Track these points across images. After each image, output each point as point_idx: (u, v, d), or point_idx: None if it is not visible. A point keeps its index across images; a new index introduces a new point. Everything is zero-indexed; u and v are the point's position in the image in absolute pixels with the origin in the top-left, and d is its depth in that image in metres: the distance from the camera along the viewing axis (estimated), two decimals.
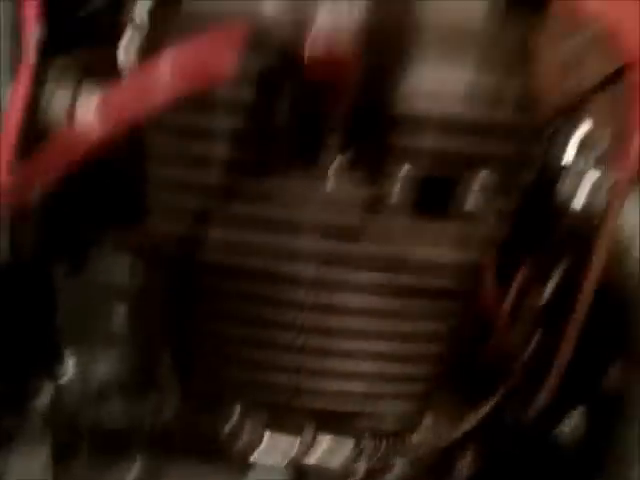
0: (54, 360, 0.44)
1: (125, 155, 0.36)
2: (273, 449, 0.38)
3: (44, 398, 0.44)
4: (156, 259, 0.40)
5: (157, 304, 0.41)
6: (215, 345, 0.39)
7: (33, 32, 0.37)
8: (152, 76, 0.32)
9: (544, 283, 0.41)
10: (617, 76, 0.35)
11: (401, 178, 0.35)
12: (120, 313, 0.42)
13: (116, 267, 0.42)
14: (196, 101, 0.33)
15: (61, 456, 0.40)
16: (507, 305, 0.42)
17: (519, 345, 0.42)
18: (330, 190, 0.35)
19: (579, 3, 0.33)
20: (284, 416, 0.39)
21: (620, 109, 0.35)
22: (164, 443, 0.39)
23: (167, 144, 0.35)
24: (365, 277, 0.37)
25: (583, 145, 0.38)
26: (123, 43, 0.39)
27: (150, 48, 0.37)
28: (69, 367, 0.44)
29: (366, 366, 0.39)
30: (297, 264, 0.36)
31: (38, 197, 0.35)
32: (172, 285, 0.40)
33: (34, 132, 0.35)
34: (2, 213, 0.35)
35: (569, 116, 0.38)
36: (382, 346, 0.38)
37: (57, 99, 0.36)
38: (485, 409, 0.40)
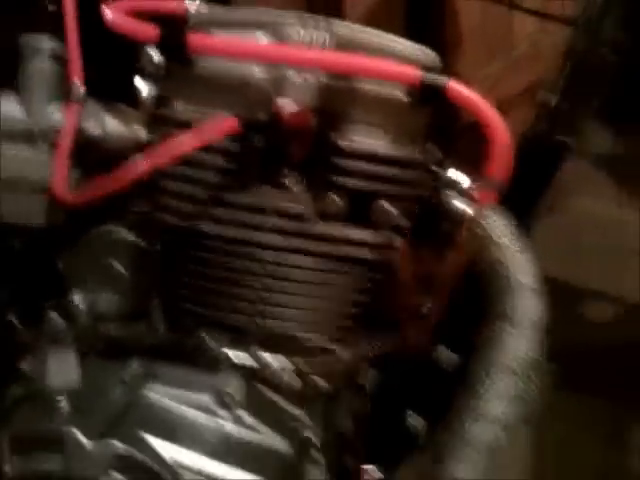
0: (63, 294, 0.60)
1: None
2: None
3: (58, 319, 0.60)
4: (151, 228, 0.57)
5: (149, 256, 0.58)
6: (191, 285, 0.55)
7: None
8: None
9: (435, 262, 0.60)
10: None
11: (337, 195, 0.53)
12: (118, 264, 0.59)
13: (116, 233, 0.59)
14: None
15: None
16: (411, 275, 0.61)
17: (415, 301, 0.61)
18: (289, 201, 0.53)
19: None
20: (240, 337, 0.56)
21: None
22: (154, 354, 0.55)
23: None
24: (307, 244, 0.53)
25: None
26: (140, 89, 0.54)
27: (164, 98, 0.53)
28: (76, 300, 0.58)
29: (303, 301, 0.55)
30: (262, 236, 0.52)
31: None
32: (162, 242, 0.56)
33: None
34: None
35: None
36: (316, 290, 0.55)
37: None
38: (388, 342, 0.60)
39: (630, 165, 1.88)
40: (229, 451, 0.52)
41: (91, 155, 0.53)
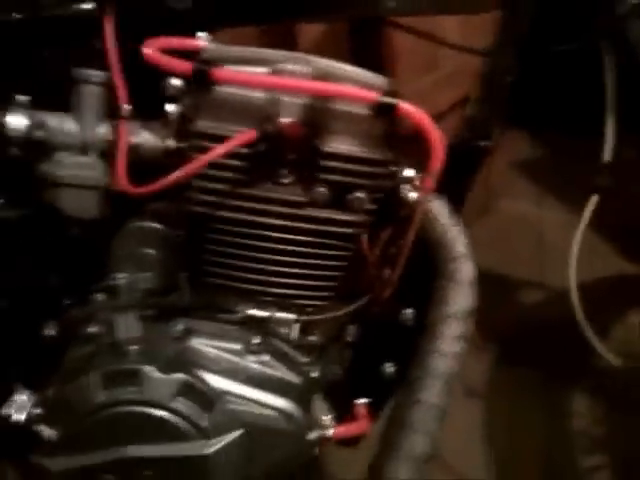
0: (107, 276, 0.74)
1: None
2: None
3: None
4: (175, 219, 0.73)
5: (174, 242, 0.72)
6: (213, 261, 0.70)
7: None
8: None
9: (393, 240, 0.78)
10: None
11: (322, 187, 0.70)
12: (151, 249, 0.73)
13: (147, 225, 0.74)
14: None
15: None
16: (374, 251, 0.78)
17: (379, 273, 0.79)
18: (287, 192, 0.70)
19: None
20: (252, 302, 0.72)
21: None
22: (192, 315, 0.71)
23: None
24: (302, 225, 0.69)
25: None
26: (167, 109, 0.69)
27: (188, 116, 0.68)
28: (119, 281, 0.71)
29: (300, 270, 0.70)
30: (267, 220, 0.69)
31: None
32: (188, 229, 0.71)
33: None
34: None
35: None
36: (309, 261, 0.71)
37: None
38: (358, 303, 0.77)
39: (546, 169, 2.12)
40: (260, 382, 0.68)
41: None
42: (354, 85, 0.67)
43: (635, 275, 1.66)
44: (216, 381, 0.67)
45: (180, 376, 0.65)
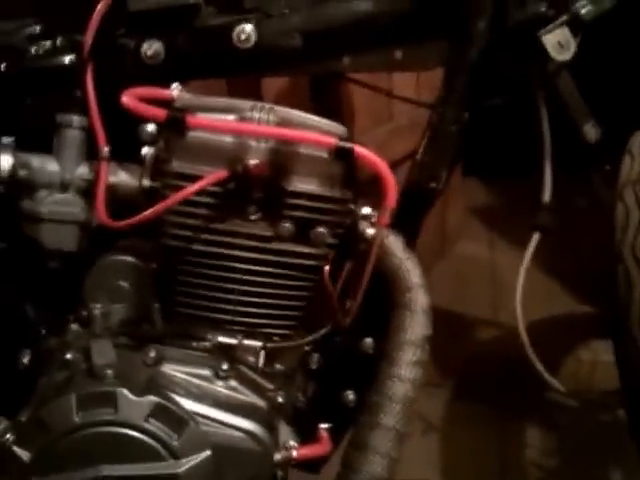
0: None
1: None
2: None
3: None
4: (152, 252, 0.78)
5: (147, 274, 0.77)
6: (185, 291, 0.76)
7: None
8: None
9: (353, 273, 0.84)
10: None
11: (287, 222, 0.76)
12: (124, 281, 0.79)
13: (121, 258, 0.79)
14: None
15: None
16: (336, 283, 0.84)
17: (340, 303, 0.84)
18: (254, 228, 0.75)
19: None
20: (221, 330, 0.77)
21: None
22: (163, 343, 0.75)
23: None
24: (268, 258, 0.75)
25: None
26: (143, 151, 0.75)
27: (162, 157, 0.74)
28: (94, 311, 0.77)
29: (266, 300, 0.76)
30: (236, 253, 0.74)
31: None
32: (160, 261, 0.76)
33: None
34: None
35: None
36: (275, 291, 0.76)
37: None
38: (321, 332, 0.83)
39: (499, 213, 2.22)
40: (227, 405, 0.73)
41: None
42: (314, 131, 0.74)
43: (585, 314, 1.75)
44: (186, 404, 0.71)
45: (152, 398, 0.69)
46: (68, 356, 0.72)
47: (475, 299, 1.88)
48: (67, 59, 0.78)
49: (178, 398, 0.71)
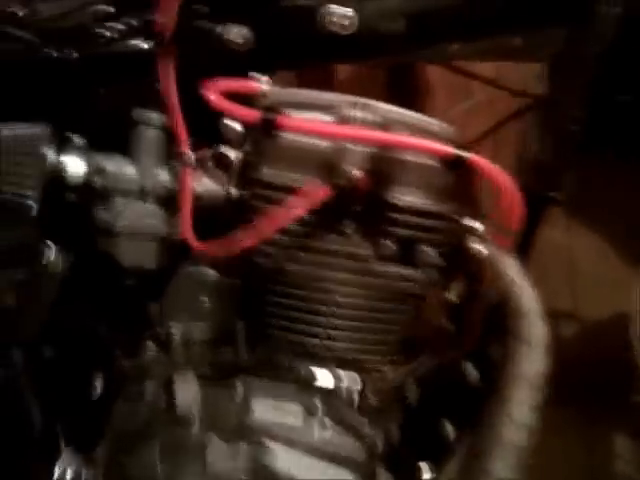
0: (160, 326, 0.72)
1: None
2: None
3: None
4: (234, 271, 0.69)
5: (230, 291, 0.69)
6: (273, 313, 0.67)
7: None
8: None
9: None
10: None
11: (389, 240, 0.66)
12: (206, 298, 0.71)
13: (203, 273, 0.71)
14: None
15: None
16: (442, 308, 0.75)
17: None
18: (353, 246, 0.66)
19: None
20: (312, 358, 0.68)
21: None
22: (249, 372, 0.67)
23: None
24: (367, 280, 0.66)
25: None
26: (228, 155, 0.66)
27: (251, 163, 0.65)
28: (172, 330, 0.70)
29: (363, 327, 0.67)
30: (332, 274, 0.65)
31: None
32: (247, 279, 0.67)
33: None
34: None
35: None
36: (373, 318, 0.67)
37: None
38: (423, 363, 0.74)
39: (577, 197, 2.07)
40: (322, 453, 0.64)
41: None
42: (419, 133, 0.65)
43: None
44: (278, 450, 0.63)
45: (245, 447, 0.61)
46: (147, 388, 0.65)
47: (553, 288, 1.76)
48: (146, 44, 0.68)
49: (271, 444, 0.62)
